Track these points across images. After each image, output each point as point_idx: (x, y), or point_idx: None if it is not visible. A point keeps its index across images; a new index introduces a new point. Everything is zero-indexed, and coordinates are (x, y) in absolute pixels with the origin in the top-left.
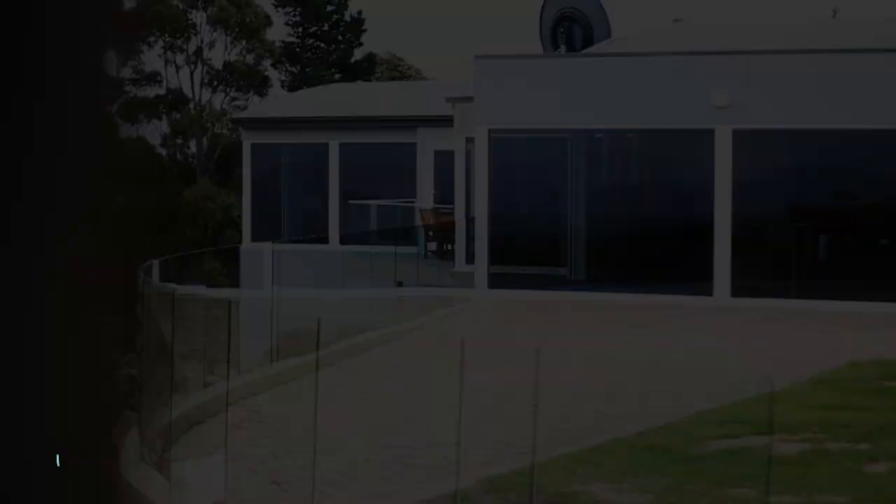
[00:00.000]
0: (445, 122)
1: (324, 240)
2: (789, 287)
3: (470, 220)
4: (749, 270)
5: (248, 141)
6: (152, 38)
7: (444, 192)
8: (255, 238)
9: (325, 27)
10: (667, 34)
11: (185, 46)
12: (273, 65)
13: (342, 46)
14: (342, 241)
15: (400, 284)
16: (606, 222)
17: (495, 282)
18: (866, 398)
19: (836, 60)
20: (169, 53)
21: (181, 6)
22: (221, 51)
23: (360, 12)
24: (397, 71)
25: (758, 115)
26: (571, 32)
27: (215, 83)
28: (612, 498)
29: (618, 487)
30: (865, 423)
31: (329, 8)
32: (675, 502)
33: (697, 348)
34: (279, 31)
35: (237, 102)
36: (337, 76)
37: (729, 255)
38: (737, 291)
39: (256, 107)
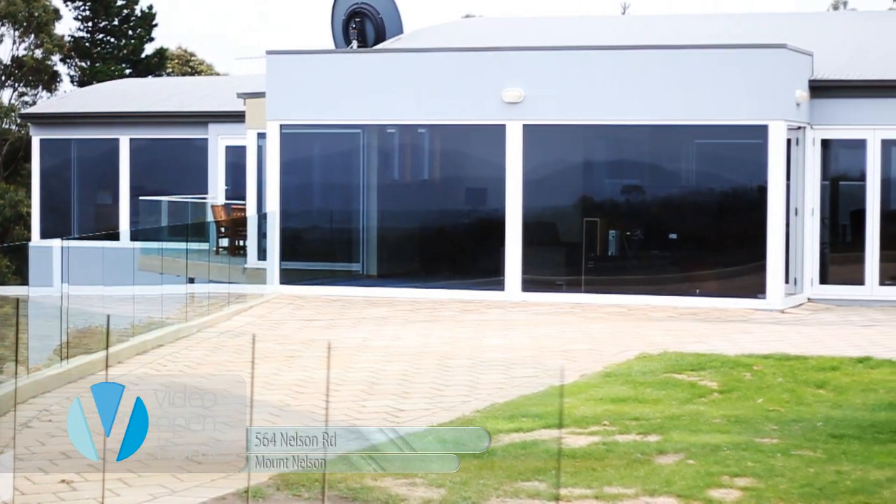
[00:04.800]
0: (237, 117)
1: (114, 236)
2: (580, 282)
3: (262, 216)
4: (540, 265)
5: (36, 136)
6: None
7: (236, 188)
8: (44, 235)
9: (116, 22)
10: (458, 30)
11: None
12: (62, 60)
13: (133, 41)
14: (133, 238)
15: (191, 281)
16: (399, 218)
17: (287, 277)
18: (655, 391)
19: (626, 56)
20: None
21: None
22: (9, 45)
23: (150, 7)
24: (188, 66)
25: (548, 110)
26: (363, 28)
27: (3, 78)
28: (404, 493)
29: (410, 482)
30: (655, 415)
31: (119, 2)
32: (467, 496)
33: (489, 343)
34: (68, 26)
35: (26, 98)
36: (128, 71)
37: (520, 250)
38: (528, 286)
39: (45, 102)
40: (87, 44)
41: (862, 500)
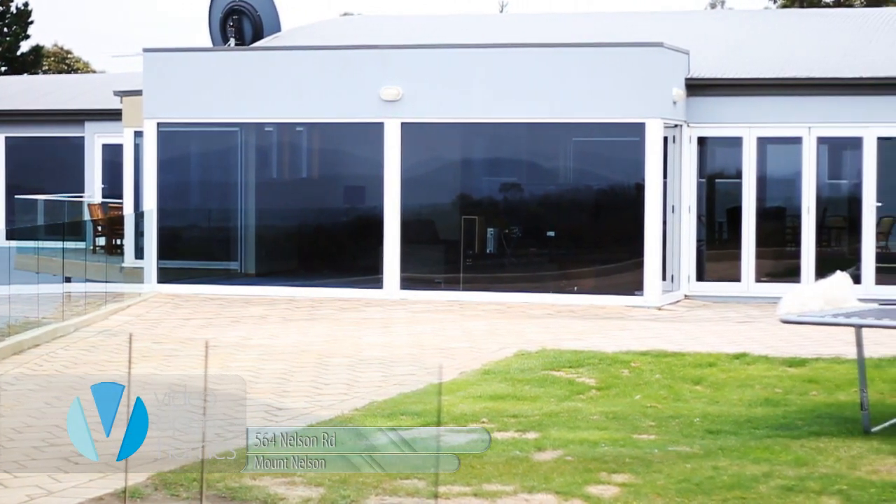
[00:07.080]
0: (114, 115)
1: None
2: (458, 279)
3: (139, 215)
4: (419, 263)
5: None
6: None
7: (113, 187)
8: None
9: None
10: (336, 28)
11: None
12: None
13: (8, 38)
14: (9, 237)
15: (68, 280)
16: (277, 216)
17: (165, 276)
18: (534, 388)
19: (503, 55)
20: None
21: None
22: None
23: (26, 4)
24: (65, 64)
25: (426, 108)
26: (241, 26)
27: None
28: (283, 492)
29: (289, 481)
30: (533, 412)
31: None
32: (346, 494)
33: (368, 342)
34: None
35: None
36: (3, 69)
37: (398, 248)
38: (406, 284)
39: None
40: None
41: (738, 495)
